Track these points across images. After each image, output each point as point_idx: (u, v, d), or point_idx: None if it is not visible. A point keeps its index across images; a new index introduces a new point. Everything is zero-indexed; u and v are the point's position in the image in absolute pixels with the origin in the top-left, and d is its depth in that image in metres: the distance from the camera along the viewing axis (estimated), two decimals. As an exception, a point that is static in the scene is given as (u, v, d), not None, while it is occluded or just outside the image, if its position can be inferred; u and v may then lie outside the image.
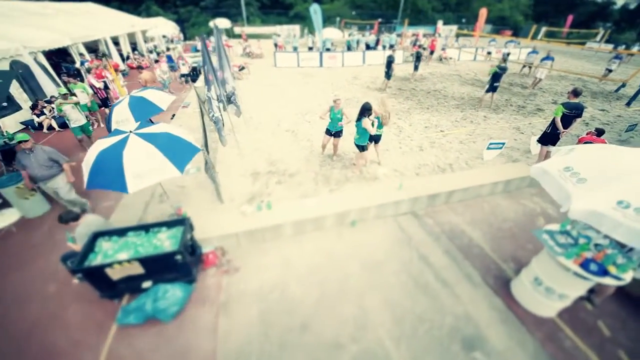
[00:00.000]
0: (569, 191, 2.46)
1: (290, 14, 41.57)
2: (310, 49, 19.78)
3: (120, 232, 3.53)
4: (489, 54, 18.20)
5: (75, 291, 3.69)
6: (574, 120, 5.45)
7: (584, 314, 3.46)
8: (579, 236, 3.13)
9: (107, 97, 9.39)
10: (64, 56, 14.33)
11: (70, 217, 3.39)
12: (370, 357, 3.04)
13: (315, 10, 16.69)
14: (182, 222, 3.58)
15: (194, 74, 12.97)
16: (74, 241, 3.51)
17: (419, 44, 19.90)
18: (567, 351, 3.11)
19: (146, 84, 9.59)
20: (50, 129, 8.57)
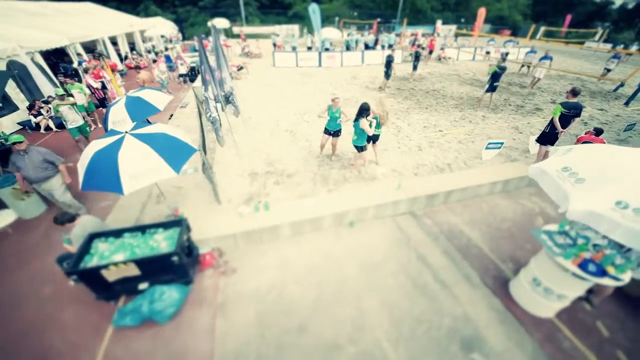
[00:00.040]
0: (567, 191, 2.45)
1: (289, 13, 41.51)
2: (309, 48, 19.75)
3: (116, 233, 3.51)
4: (488, 53, 18.21)
5: (71, 293, 3.67)
6: (573, 119, 5.44)
7: (582, 314, 3.45)
8: (577, 236, 3.12)
9: (105, 97, 9.35)
10: (62, 56, 14.28)
11: (65, 218, 3.36)
12: (368, 358, 3.02)
13: (314, 10, 16.66)
14: (179, 223, 3.56)
15: (193, 74, 12.93)
16: (70, 242, 3.49)
17: (417, 43, 19.87)
18: (565, 352, 3.10)
19: (144, 84, 9.55)
20: (47, 129, 8.53)
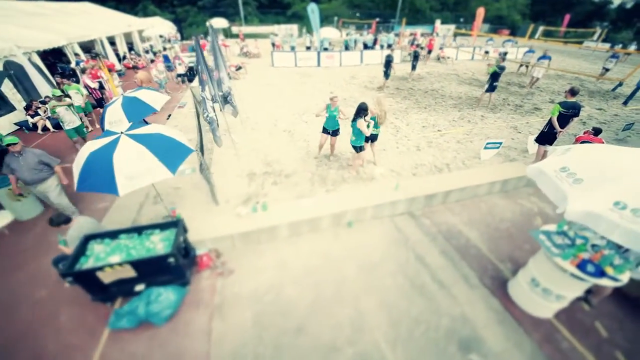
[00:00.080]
0: (566, 192, 2.43)
1: (288, 13, 41.46)
2: (308, 48, 19.72)
3: (112, 235, 3.48)
4: (487, 53, 18.20)
5: (67, 294, 3.64)
6: (571, 119, 5.43)
7: (581, 314, 3.44)
8: (576, 237, 3.10)
9: (103, 97, 9.32)
10: (60, 56, 14.23)
11: (61, 220, 3.33)
12: (366, 360, 3.01)
13: (312, 9, 16.65)
14: (175, 224, 3.54)
15: (191, 74, 12.89)
16: (65, 244, 3.46)
17: (416, 43, 19.86)
18: (564, 352, 3.08)
19: (142, 84, 9.52)
20: (44, 129, 8.49)
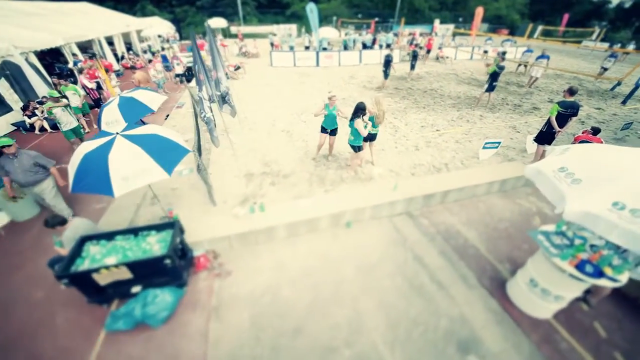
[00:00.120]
0: (564, 192, 2.42)
1: (287, 13, 41.40)
2: (306, 48, 19.69)
3: (108, 236, 3.46)
4: (486, 52, 18.20)
5: (63, 296, 3.61)
6: (570, 119, 5.42)
7: (580, 315, 3.43)
8: (574, 237, 3.09)
9: (100, 97, 9.28)
10: (58, 56, 14.18)
11: (56, 221, 3.31)
12: (363, 361, 2.99)
13: (311, 9, 16.62)
14: (172, 225, 3.51)
15: (189, 74, 12.85)
16: (61, 245, 3.44)
17: (415, 43, 19.85)
18: (562, 353, 3.07)
19: (140, 84, 9.48)
20: (42, 130, 8.45)
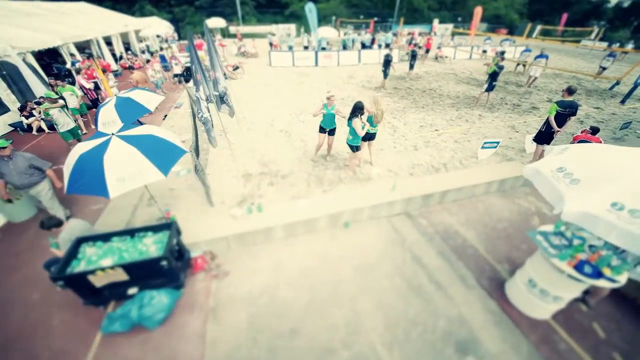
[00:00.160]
0: (562, 192, 2.40)
1: (286, 13, 41.36)
2: (305, 48, 19.65)
3: (104, 237, 3.43)
4: (485, 52, 18.20)
5: (60, 298, 3.59)
6: (569, 118, 5.41)
7: (578, 315, 3.42)
8: (573, 237, 3.08)
9: (98, 97, 9.24)
10: (55, 57, 14.12)
11: (52, 223, 3.28)
12: (361, 363, 2.97)
13: (310, 9, 16.60)
14: (169, 226, 3.49)
15: (187, 74, 12.81)
16: (57, 247, 3.41)
17: (414, 42, 19.83)
18: (561, 354, 3.06)
19: (137, 85, 9.44)
20: (39, 130, 8.41)
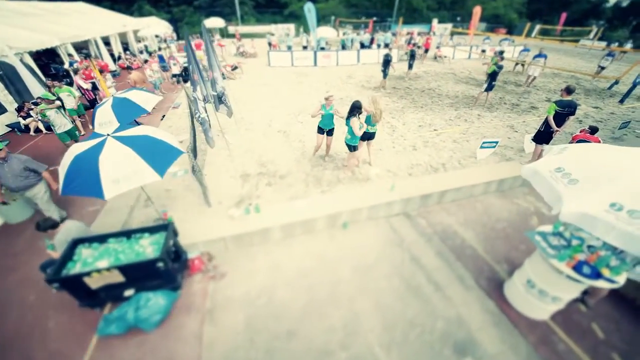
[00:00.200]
0: (561, 193, 2.38)
1: (285, 12, 41.31)
2: (304, 47, 19.63)
3: (100, 239, 3.41)
4: (484, 52, 18.19)
5: (56, 300, 3.56)
6: (567, 118, 5.40)
7: (577, 316, 3.40)
8: (571, 237, 3.06)
9: (96, 98, 9.21)
10: (53, 57, 14.08)
11: (47, 225, 3.26)
12: (359, 364, 2.96)
13: (309, 9, 16.56)
14: (165, 228, 3.46)
15: (186, 74, 12.78)
16: (53, 248, 3.39)
17: (413, 42, 19.82)
18: (560, 354, 3.04)
19: (135, 85, 9.41)
20: (37, 131, 8.38)
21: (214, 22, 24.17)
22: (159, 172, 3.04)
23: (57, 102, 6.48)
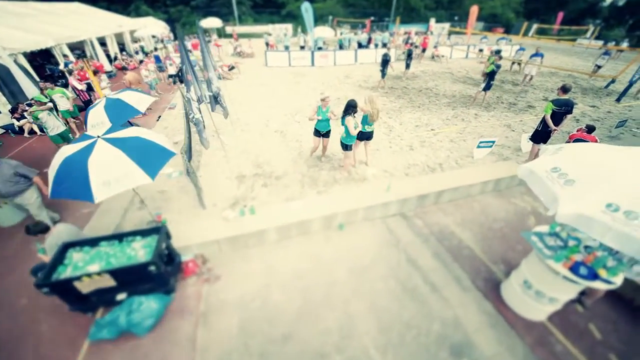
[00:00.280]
0: (557, 193, 2.35)
1: (282, 12, 41.20)
2: (302, 47, 19.57)
3: (92, 242, 3.35)
4: (481, 51, 18.19)
5: (48, 304, 3.50)
6: (564, 117, 5.38)
7: (574, 316, 3.38)
8: (568, 238, 3.03)
9: (90, 99, 9.13)
10: (48, 57, 13.97)
11: (38, 229, 3.21)
12: (354, 368, 2.92)
13: (306, 8, 16.49)
14: (158, 231, 3.41)
15: (182, 75, 12.70)
16: (44, 252, 3.34)
17: (411, 41, 19.80)
18: (557, 355, 3.02)
19: (131, 86, 9.33)
20: (31, 133, 8.30)
21: (212, 22, 24.04)
22: (150, 174, 2.98)
23: (49, 104, 6.40)
